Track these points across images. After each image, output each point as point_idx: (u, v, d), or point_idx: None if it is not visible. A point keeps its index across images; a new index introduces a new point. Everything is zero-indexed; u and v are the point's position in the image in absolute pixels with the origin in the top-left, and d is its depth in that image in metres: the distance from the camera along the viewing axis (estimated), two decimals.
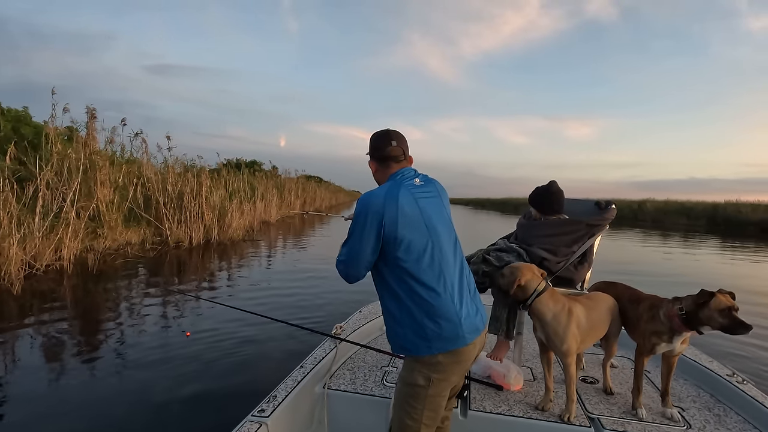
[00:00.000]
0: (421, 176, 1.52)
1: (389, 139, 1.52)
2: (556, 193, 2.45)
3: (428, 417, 1.40)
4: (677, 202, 29.31)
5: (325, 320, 4.49)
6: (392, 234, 1.34)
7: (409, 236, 1.35)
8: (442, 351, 1.33)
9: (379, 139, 1.54)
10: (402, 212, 1.35)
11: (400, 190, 1.40)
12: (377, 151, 1.53)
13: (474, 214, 35.63)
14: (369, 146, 1.57)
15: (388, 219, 1.34)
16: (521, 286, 1.86)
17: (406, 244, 1.34)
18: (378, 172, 1.56)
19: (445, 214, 1.50)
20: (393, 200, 1.37)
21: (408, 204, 1.38)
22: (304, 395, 1.97)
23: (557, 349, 1.88)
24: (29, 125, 10.47)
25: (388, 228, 1.34)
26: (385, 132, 1.55)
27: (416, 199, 1.41)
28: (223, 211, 11.76)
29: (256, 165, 23.14)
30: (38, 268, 6.39)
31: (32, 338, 3.94)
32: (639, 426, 1.84)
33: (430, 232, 1.39)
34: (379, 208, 1.36)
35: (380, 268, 1.41)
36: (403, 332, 1.37)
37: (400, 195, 1.38)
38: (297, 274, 7.10)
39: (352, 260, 1.40)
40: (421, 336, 1.33)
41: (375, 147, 1.54)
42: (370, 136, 1.58)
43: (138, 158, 11.76)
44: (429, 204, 1.44)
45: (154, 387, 3.03)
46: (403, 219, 1.35)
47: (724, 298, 1.70)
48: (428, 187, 1.49)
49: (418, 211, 1.39)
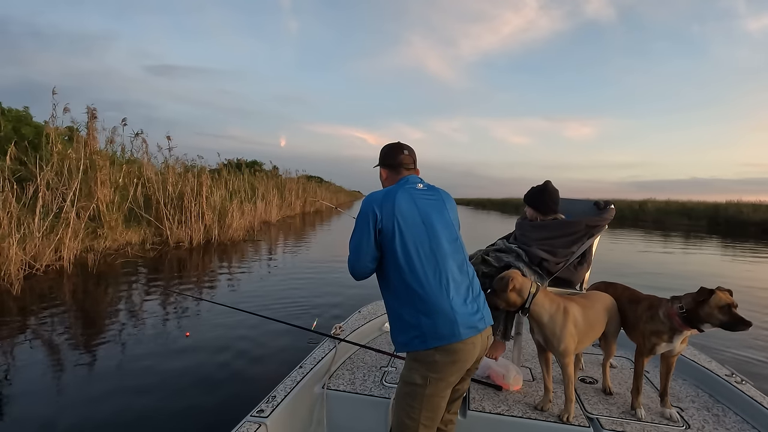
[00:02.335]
0: (425, 184, 1.63)
1: (401, 149, 1.67)
2: (551, 192, 2.45)
3: (426, 417, 1.41)
4: (678, 202, 29.28)
5: (324, 320, 4.50)
6: (388, 229, 1.44)
7: (404, 232, 1.43)
8: (436, 346, 1.36)
9: (392, 149, 1.69)
10: (398, 209, 1.45)
11: (399, 190, 1.52)
12: (390, 159, 1.67)
13: (474, 215, 35.67)
14: (380, 155, 1.71)
15: (385, 215, 1.45)
16: (516, 290, 1.86)
17: (401, 239, 1.43)
18: (388, 179, 1.68)
19: (447, 216, 1.57)
20: (390, 199, 1.48)
21: (405, 202, 1.48)
22: (304, 395, 1.97)
23: (555, 349, 1.88)
24: (30, 125, 10.50)
25: (384, 224, 1.44)
26: (397, 143, 1.71)
27: (414, 199, 1.51)
28: (224, 211, 11.77)
29: (256, 165, 23.16)
30: (38, 269, 6.39)
31: (32, 338, 3.94)
32: (638, 426, 1.84)
33: (427, 230, 1.47)
34: (377, 206, 1.47)
35: (384, 265, 1.49)
36: (402, 328, 1.43)
37: (398, 194, 1.50)
38: (297, 274, 7.11)
39: (355, 254, 1.51)
40: (417, 331, 1.38)
41: (388, 155, 1.68)
42: (383, 147, 1.72)
43: (138, 158, 11.79)
44: (428, 205, 1.53)
45: (154, 387, 3.03)
46: (399, 216, 1.44)
47: (724, 296, 1.70)
48: (431, 192, 1.59)
49: (415, 210, 1.48)
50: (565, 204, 2.54)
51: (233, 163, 17.25)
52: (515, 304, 1.88)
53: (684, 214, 26.29)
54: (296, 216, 22.27)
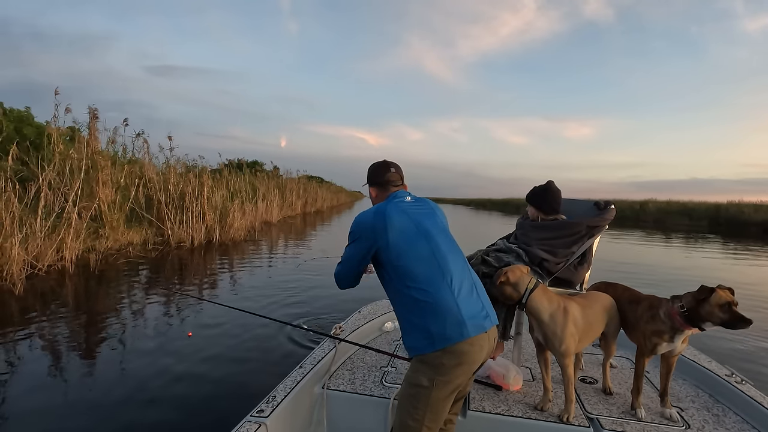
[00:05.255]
0: (413, 197, 1.67)
1: (389, 166, 1.72)
2: (554, 192, 2.45)
3: (430, 419, 1.42)
4: (679, 202, 29.20)
5: (324, 320, 4.50)
6: (384, 244, 1.47)
7: (401, 243, 1.46)
8: (444, 346, 1.37)
9: (379, 167, 1.73)
10: (390, 224, 1.49)
11: (388, 205, 1.56)
12: (379, 177, 1.71)
13: (475, 215, 35.60)
14: (369, 174, 1.75)
15: (378, 232, 1.49)
16: (511, 283, 1.87)
17: (399, 252, 1.46)
18: (378, 197, 1.71)
19: (440, 222, 1.62)
20: (381, 215, 1.52)
21: (396, 215, 1.51)
22: (304, 395, 1.97)
23: (555, 349, 1.88)
24: (31, 125, 10.53)
25: (380, 240, 1.48)
26: (383, 162, 1.75)
27: (404, 210, 1.55)
28: (225, 211, 11.77)
29: (257, 165, 23.16)
30: (40, 269, 6.41)
31: (34, 338, 3.95)
32: (638, 426, 1.84)
33: (423, 236, 1.50)
34: (369, 225, 1.52)
35: (385, 276, 1.52)
36: (411, 332, 1.44)
37: (388, 209, 1.54)
38: (297, 274, 7.11)
39: (345, 269, 1.61)
40: (426, 333, 1.39)
41: (376, 174, 1.72)
42: (369, 166, 1.77)
43: (140, 158, 11.78)
44: (419, 213, 1.57)
45: (155, 386, 3.04)
46: (392, 230, 1.47)
47: (724, 294, 1.71)
48: (419, 203, 1.64)
49: (408, 219, 1.52)
50: (566, 204, 2.54)
51: (234, 163, 17.27)
52: (511, 298, 1.90)
53: (685, 215, 26.24)
54: (297, 216, 22.28)
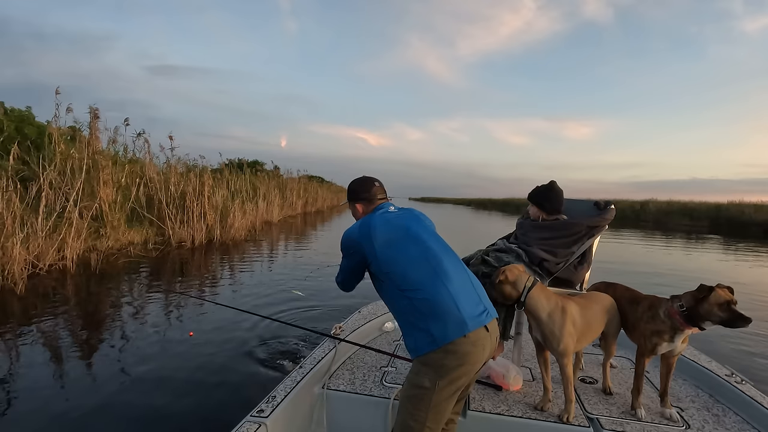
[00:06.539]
0: (397, 207, 1.72)
1: (372, 181, 1.78)
2: (557, 191, 2.45)
3: (432, 420, 1.42)
4: (680, 202, 29.13)
5: (324, 320, 4.50)
6: (371, 255, 1.50)
7: (389, 251, 1.49)
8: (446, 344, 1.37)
9: (364, 183, 1.78)
10: (375, 234, 1.52)
11: (372, 217, 1.60)
12: (364, 193, 1.76)
13: (476, 215, 35.58)
14: (352, 191, 1.78)
15: (365, 244, 1.53)
16: (510, 282, 1.87)
17: (388, 258, 1.48)
18: (364, 213, 1.75)
19: (428, 227, 1.65)
20: (366, 227, 1.56)
21: (381, 225, 1.55)
22: (303, 395, 1.97)
23: (554, 349, 1.88)
24: (32, 125, 10.53)
25: (368, 252, 1.52)
26: (367, 177, 1.81)
27: (389, 220, 1.58)
28: (226, 211, 11.79)
29: (258, 165, 23.16)
30: (41, 268, 6.42)
31: (36, 337, 3.96)
32: (638, 426, 1.85)
33: (412, 239, 1.53)
34: (355, 239, 1.57)
35: (380, 285, 1.55)
36: (412, 334, 1.45)
37: (373, 220, 1.58)
38: (298, 274, 7.11)
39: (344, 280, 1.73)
40: (426, 333, 1.39)
41: (362, 189, 1.77)
42: (351, 182, 1.81)
43: (140, 158, 11.79)
44: (405, 220, 1.61)
45: (156, 386, 3.04)
46: (378, 239, 1.50)
47: (723, 292, 1.71)
48: (403, 212, 1.69)
49: (394, 227, 1.56)
50: (566, 204, 2.54)
51: (235, 162, 17.28)
52: (510, 297, 1.90)
53: (686, 215, 26.19)
54: (297, 216, 22.28)
